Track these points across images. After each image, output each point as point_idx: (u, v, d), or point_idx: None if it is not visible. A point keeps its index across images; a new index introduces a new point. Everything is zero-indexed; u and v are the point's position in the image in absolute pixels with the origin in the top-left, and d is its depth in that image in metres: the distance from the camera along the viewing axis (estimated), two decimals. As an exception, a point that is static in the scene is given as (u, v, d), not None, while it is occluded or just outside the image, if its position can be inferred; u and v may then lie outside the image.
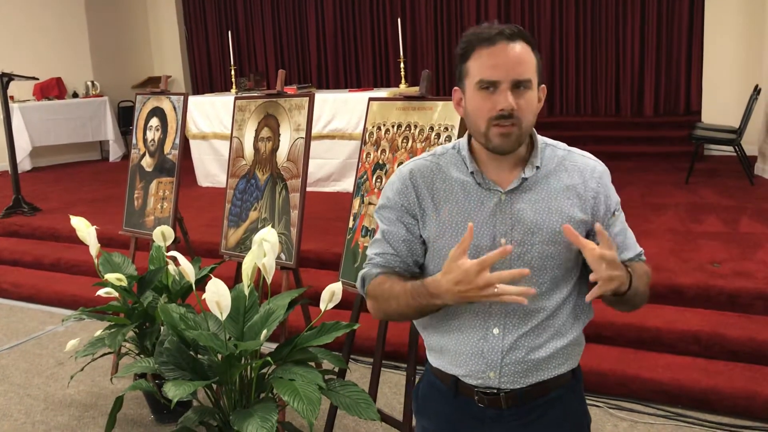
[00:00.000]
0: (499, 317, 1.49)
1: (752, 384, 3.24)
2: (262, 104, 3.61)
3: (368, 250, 1.61)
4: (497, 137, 1.44)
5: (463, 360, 1.53)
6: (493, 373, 1.51)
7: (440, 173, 1.54)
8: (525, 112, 1.44)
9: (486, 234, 1.48)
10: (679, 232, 4.78)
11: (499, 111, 1.42)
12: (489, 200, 1.50)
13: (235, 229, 3.63)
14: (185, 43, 11.41)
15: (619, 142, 8.00)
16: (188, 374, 2.50)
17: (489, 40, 1.43)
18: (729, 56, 7.48)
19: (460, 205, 1.51)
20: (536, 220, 1.48)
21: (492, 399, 1.53)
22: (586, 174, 1.53)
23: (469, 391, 1.54)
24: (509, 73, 1.41)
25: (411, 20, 9.65)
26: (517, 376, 1.51)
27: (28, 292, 5.40)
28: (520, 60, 1.43)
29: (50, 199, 7.36)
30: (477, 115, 1.46)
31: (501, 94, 1.42)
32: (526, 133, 1.48)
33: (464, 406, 1.56)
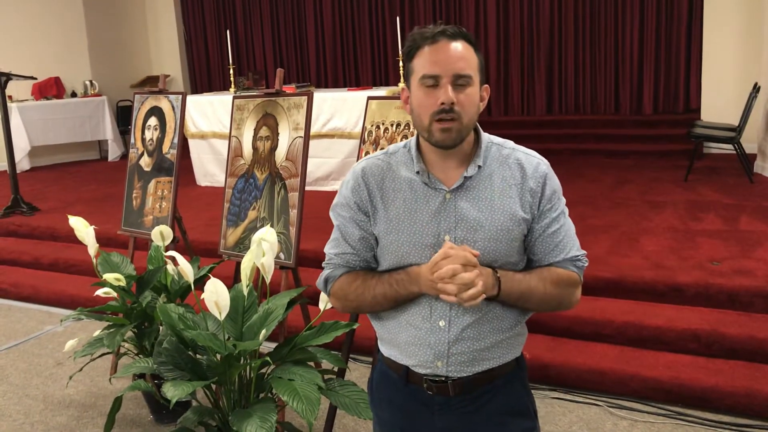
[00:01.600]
0: (444, 310, 1.56)
1: (752, 382, 3.23)
2: (261, 103, 3.61)
3: (327, 248, 1.69)
4: (438, 132, 1.51)
5: (413, 351, 1.60)
6: (440, 362, 1.58)
7: (390, 172, 1.62)
8: (465, 106, 1.50)
9: (430, 232, 1.55)
10: (678, 230, 4.78)
11: (440, 105, 1.49)
12: (434, 199, 1.56)
13: (233, 228, 3.63)
14: (184, 42, 11.40)
15: (619, 140, 8.01)
16: (187, 374, 2.50)
17: (431, 38, 1.51)
18: (728, 54, 7.47)
19: (407, 203, 1.58)
20: (479, 217, 1.54)
21: (440, 387, 1.60)
22: (528, 171, 1.59)
23: (418, 380, 1.62)
24: (450, 68, 1.49)
25: (410, 19, 9.64)
26: (463, 365, 1.58)
27: (26, 292, 5.39)
28: (461, 56, 1.50)
29: (49, 198, 7.36)
30: (420, 111, 1.53)
31: (442, 89, 1.49)
32: (468, 128, 1.54)
33: (414, 394, 1.63)
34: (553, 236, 1.59)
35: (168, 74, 10.22)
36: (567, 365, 3.50)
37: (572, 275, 1.61)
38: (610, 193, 5.98)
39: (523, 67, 9.16)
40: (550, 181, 1.60)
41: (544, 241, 1.59)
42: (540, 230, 1.59)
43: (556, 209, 1.60)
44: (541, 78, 9.03)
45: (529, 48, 9.10)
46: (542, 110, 9.08)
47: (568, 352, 3.58)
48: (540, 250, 1.60)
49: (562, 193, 1.63)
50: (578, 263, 1.63)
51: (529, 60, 9.12)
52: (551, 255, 1.60)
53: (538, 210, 1.58)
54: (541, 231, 1.59)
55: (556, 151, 7.93)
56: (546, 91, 9.06)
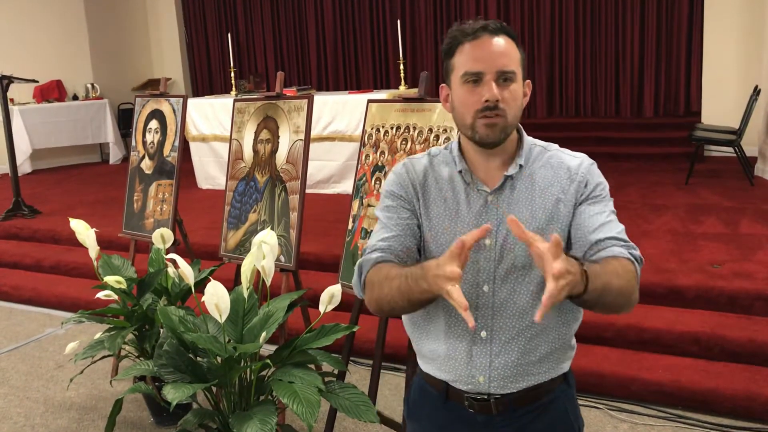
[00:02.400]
0: (486, 319, 1.47)
1: (752, 385, 3.23)
2: (261, 106, 3.61)
3: (368, 243, 1.55)
4: (483, 128, 1.45)
5: (452, 365, 1.51)
6: (482, 377, 1.49)
7: (432, 172, 1.55)
8: (510, 103, 1.45)
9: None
10: (679, 233, 4.78)
11: (484, 103, 1.43)
12: (476, 200, 1.50)
13: (234, 231, 3.63)
14: (185, 45, 11.42)
15: (619, 143, 8.01)
16: (187, 377, 2.50)
17: (472, 34, 1.45)
18: (729, 57, 7.48)
19: (448, 204, 1.51)
20: (521, 218, 1.46)
21: (482, 405, 1.51)
22: (572, 170, 1.51)
23: (459, 397, 1.53)
24: (493, 65, 1.43)
25: (410, 22, 9.66)
26: (507, 381, 1.49)
27: (27, 295, 5.40)
28: (504, 52, 1.44)
29: (50, 201, 7.36)
30: (463, 109, 1.47)
31: (486, 86, 1.43)
32: (512, 125, 1.48)
33: (455, 411, 1.55)
34: (597, 217, 1.46)
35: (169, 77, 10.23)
36: (567, 368, 3.50)
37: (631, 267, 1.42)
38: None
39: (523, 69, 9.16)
40: (593, 175, 1.51)
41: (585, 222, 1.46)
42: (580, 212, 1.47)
43: (603, 197, 1.50)
44: (542, 80, 9.04)
45: (529, 50, 9.10)
46: (543, 113, 9.08)
47: (569, 355, 3.58)
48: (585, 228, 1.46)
49: (608, 192, 1.53)
50: (632, 251, 1.45)
51: (530, 62, 9.12)
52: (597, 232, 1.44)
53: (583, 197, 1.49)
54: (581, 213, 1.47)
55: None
56: (546, 94, 9.07)
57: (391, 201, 1.55)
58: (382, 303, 1.44)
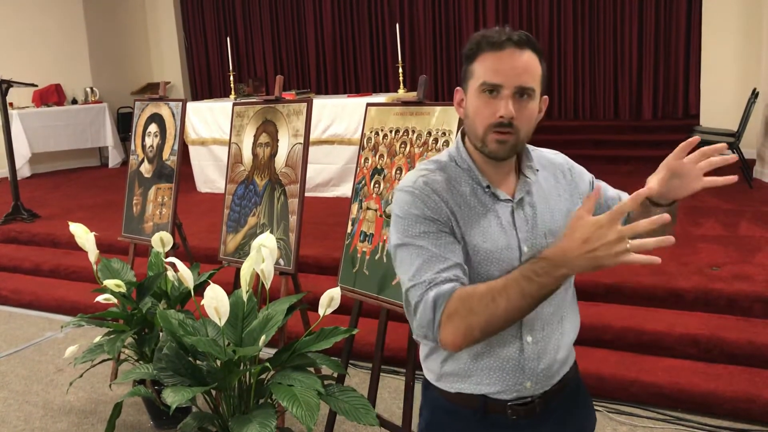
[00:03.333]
0: (530, 324, 1.47)
1: (752, 387, 3.23)
2: (261, 110, 3.62)
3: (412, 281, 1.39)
4: (494, 143, 1.42)
5: (497, 377, 1.48)
6: (530, 382, 1.49)
7: (454, 188, 1.47)
8: (524, 122, 1.42)
9: (512, 245, 1.45)
10: (677, 235, 4.74)
11: (498, 118, 1.40)
12: (504, 211, 1.48)
13: (233, 234, 3.63)
14: (184, 49, 11.43)
15: (618, 145, 8.02)
16: (187, 380, 2.50)
17: (497, 44, 1.40)
18: (727, 60, 7.49)
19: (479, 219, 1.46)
20: (545, 221, 1.50)
21: (527, 409, 1.50)
22: (563, 167, 1.61)
23: (500, 408, 1.49)
24: (513, 80, 1.39)
25: (409, 25, 9.67)
26: (547, 380, 1.51)
27: (27, 299, 5.39)
28: (526, 68, 1.41)
29: (49, 205, 7.36)
30: (476, 119, 1.44)
31: (502, 101, 1.40)
32: (523, 143, 1.47)
33: (495, 424, 1.51)
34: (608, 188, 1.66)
35: (168, 81, 10.25)
36: (567, 370, 3.50)
37: None
38: (609, 199, 5.98)
39: (522, 72, 9.18)
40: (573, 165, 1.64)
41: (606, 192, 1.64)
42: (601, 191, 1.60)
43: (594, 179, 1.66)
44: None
45: (528, 54, 9.12)
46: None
47: (568, 358, 3.58)
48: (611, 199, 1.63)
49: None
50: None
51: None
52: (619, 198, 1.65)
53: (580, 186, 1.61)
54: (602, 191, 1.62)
55: (555, 156, 7.95)
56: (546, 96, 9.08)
57: (426, 227, 1.41)
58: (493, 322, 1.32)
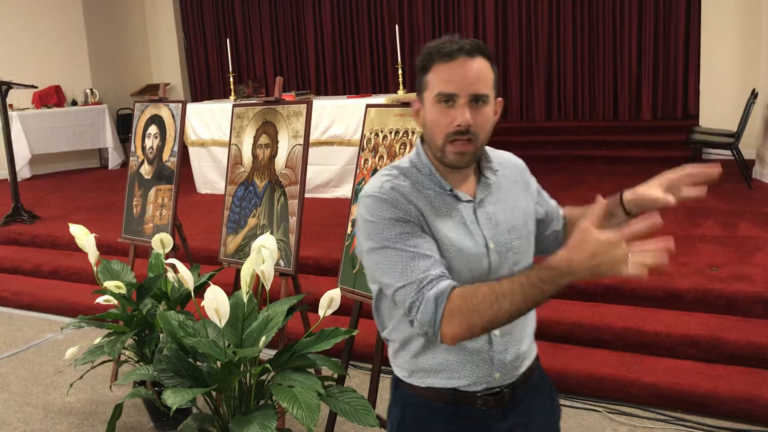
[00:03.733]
0: None
1: (751, 387, 3.24)
2: (260, 111, 3.62)
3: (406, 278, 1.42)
4: (452, 154, 1.47)
5: (468, 370, 1.53)
6: (498, 374, 1.55)
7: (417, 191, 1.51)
8: (481, 127, 1.47)
9: (479, 243, 1.51)
10: (677, 236, 4.79)
11: (455, 127, 1.44)
12: (467, 211, 1.53)
13: (233, 235, 3.64)
14: (184, 50, 11.44)
15: (617, 146, 8.02)
16: (187, 381, 2.50)
17: (449, 55, 1.45)
18: (726, 60, 7.50)
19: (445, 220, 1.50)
20: (506, 218, 1.57)
21: (498, 399, 1.56)
22: (519, 167, 1.69)
23: (470, 399, 1.55)
24: (467, 88, 1.44)
25: (409, 26, 9.68)
26: (514, 370, 1.58)
27: (27, 300, 5.40)
28: (479, 76, 1.45)
29: (49, 206, 7.37)
30: (435, 129, 1.48)
31: (458, 109, 1.44)
32: (481, 150, 1.53)
33: (465, 416, 1.56)
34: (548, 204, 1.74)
35: (168, 82, 10.26)
36: (566, 371, 3.50)
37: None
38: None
39: (521, 73, 9.19)
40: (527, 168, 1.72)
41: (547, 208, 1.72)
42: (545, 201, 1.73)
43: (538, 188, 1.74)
44: (540, 84, 9.06)
45: (527, 55, 9.13)
46: (541, 117, 9.10)
47: (568, 358, 3.58)
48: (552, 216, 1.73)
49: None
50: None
51: (528, 67, 9.15)
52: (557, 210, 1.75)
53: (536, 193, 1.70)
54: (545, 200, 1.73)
55: (555, 157, 7.95)
56: (545, 98, 9.09)
57: (401, 228, 1.45)
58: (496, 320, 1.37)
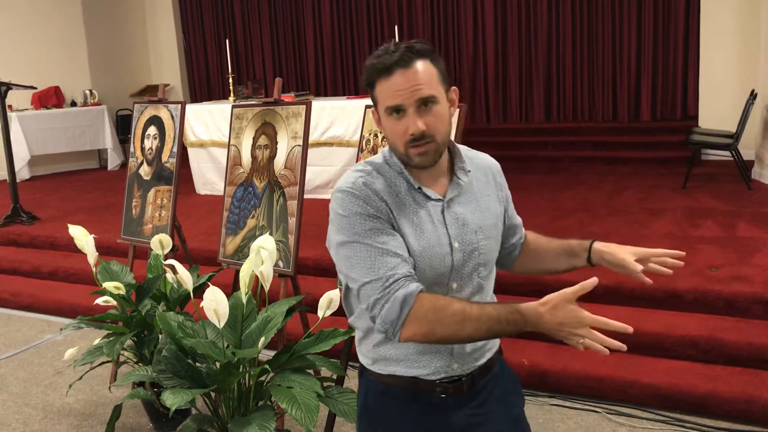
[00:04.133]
0: None
1: (750, 388, 3.24)
2: (259, 112, 3.62)
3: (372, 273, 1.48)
4: (416, 156, 1.53)
5: (426, 360, 1.60)
6: (457, 364, 1.62)
7: (392, 188, 1.57)
8: (436, 127, 1.51)
9: (443, 241, 1.57)
10: (676, 236, 4.79)
11: (410, 135, 1.50)
12: (435, 209, 1.59)
13: (233, 236, 3.64)
14: (183, 51, 11.44)
15: (617, 147, 8.02)
16: (186, 382, 2.50)
17: (386, 70, 1.50)
18: (725, 61, 7.51)
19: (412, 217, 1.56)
20: (475, 219, 1.62)
21: (456, 386, 1.63)
22: (493, 169, 1.73)
23: (429, 387, 1.62)
24: (411, 96, 1.48)
25: (408, 27, 9.68)
26: (474, 361, 1.65)
27: (26, 301, 5.39)
28: (419, 80, 1.48)
29: (48, 207, 7.37)
30: (393, 138, 1.55)
31: (409, 118, 1.49)
32: (444, 145, 1.57)
33: (425, 402, 1.63)
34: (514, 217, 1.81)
35: (167, 83, 10.23)
36: (566, 372, 3.51)
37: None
38: (608, 201, 5.99)
39: (521, 74, 9.20)
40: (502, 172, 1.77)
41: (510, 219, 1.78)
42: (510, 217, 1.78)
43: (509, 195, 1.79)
44: (540, 85, 9.06)
45: (527, 56, 9.13)
46: (540, 118, 9.10)
47: (567, 359, 3.58)
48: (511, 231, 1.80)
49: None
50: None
51: (527, 68, 9.15)
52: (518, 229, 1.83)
53: (506, 201, 1.76)
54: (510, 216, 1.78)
55: (554, 158, 7.97)
56: (544, 99, 9.09)
57: (372, 223, 1.51)
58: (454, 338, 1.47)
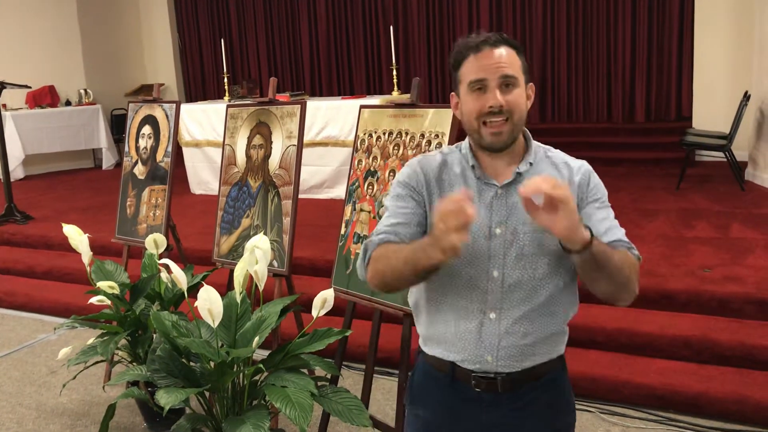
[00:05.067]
0: (495, 301, 1.58)
1: (743, 388, 3.25)
2: (254, 112, 3.63)
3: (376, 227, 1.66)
4: (489, 135, 1.58)
5: (461, 345, 1.61)
6: (490, 356, 1.59)
7: (446, 167, 1.67)
8: (514, 107, 1.58)
9: (483, 224, 1.58)
10: (670, 237, 4.81)
11: (489, 108, 1.56)
12: (487, 193, 1.61)
13: (227, 236, 3.64)
14: (178, 51, 11.42)
15: (611, 148, 8.03)
16: (180, 382, 2.51)
17: (475, 47, 1.60)
18: (719, 62, 7.53)
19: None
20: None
21: (489, 383, 1.61)
22: (574, 169, 1.66)
23: (466, 377, 1.62)
24: (495, 72, 1.57)
25: (404, 28, 9.68)
26: (512, 360, 1.60)
27: (20, 301, 5.38)
28: (505, 60, 1.58)
29: (43, 207, 7.35)
30: (470, 115, 1.60)
31: (490, 93, 1.57)
32: (518, 128, 1.61)
33: (462, 392, 1.64)
34: (604, 222, 1.60)
35: (162, 83, 10.26)
36: (559, 372, 3.51)
37: (632, 257, 1.58)
38: (602, 201, 6.00)
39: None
40: (594, 176, 1.67)
41: (595, 225, 1.57)
42: (588, 216, 1.60)
43: (602, 201, 1.65)
44: (534, 86, 9.05)
45: (522, 57, 9.14)
46: (535, 118, 9.11)
47: (561, 359, 3.59)
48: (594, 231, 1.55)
49: (607, 196, 1.67)
50: (634, 251, 1.60)
51: (523, 68, 9.16)
52: (605, 237, 1.57)
53: (585, 198, 1.63)
54: (589, 216, 1.60)
55: (549, 159, 7.97)
56: (539, 100, 9.09)
57: (401, 190, 1.66)
58: (387, 274, 1.54)
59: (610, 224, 1.62)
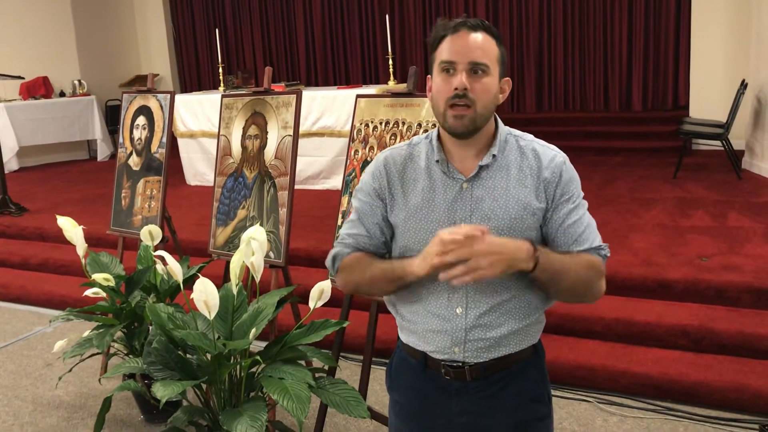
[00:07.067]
0: (461, 297, 1.59)
1: (741, 377, 3.26)
2: (249, 102, 3.60)
3: (343, 229, 1.72)
4: (452, 118, 1.55)
5: (431, 337, 1.63)
6: (457, 348, 1.61)
7: (411, 161, 1.66)
8: (480, 95, 1.54)
9: (446, 220, 1.58)
10: (667, 226, 4.80)
11: (453, 91, 1.53)
12: (451, 188, 1.60)
13: (223, 227, 3.62)
14: (173, 41, 11.36)
15: (608, 137, 8.04)
16: (177, 374, 2.49)
17: (453, 28, 1.58)
18: (716, 51, 7.52)
19: (425, 192, 1.61)
20: (493, 206, 1.57)
21: (457, 372, 1.63)
22: (544, 162, 1.60)
23: (436, 365, 1.65)
24: (466, 56, 1.54)
25: (399, 17, 9.64)
26: (480, 351, 1.61)
27: (15, 293, 5.36)
28: (479, 46, 1.55)
29: (37, 199, 7.32)
30: (437, 96, 1.58)
31: (457, 75, 1.53)
32: (482, 117, 1.56)
33: (433, 379, 1.67)
34: (574, 227, 1.58)
35: (157, 73, 10.20)
36: (558, 361, 3.51)
37: (597, 261, 1.59)
38: (599, 191, 6.00)
39: (512, 64, 9.16)
40: (566, 172, 1.61)
41: (565, 232, 1.58)
42: (559, 221, 1.58)
43: (574, 201, 1.60)
44: (531, 75, 9.05)
45: (518, 45, 9.12)
46: (532, 107, 9.10)
47: (559, 349, 3.59)
48: (562, 242, 1.59)
49: (580, 188, 1.64)
50: (601, 252, 1.61)
51: (519, 57, 9.14)
52: (574, 246, 1.58)
53: (553, 200, 1.59)
54: (560, 222, 1.58)
55: (545, 148, 7.96)
56: (535, 89, 9.08)
57: (365, 196, 1.69)
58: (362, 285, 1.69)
59: (581, 229, 1.59)
